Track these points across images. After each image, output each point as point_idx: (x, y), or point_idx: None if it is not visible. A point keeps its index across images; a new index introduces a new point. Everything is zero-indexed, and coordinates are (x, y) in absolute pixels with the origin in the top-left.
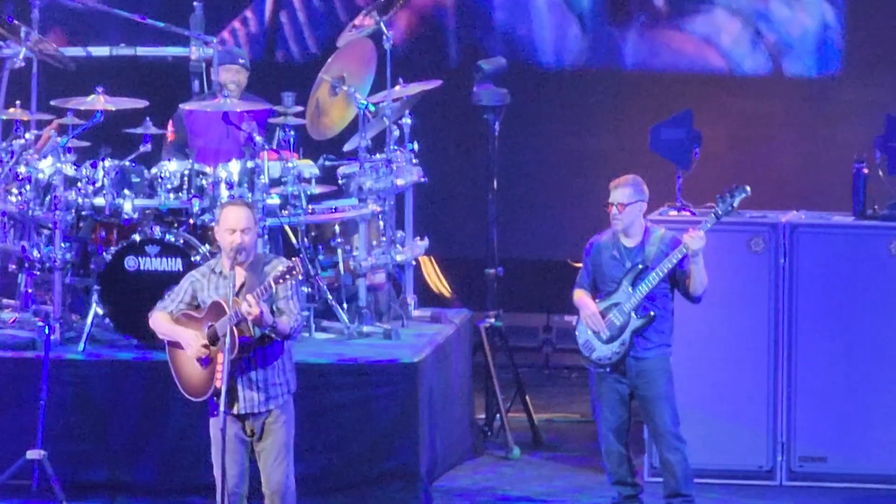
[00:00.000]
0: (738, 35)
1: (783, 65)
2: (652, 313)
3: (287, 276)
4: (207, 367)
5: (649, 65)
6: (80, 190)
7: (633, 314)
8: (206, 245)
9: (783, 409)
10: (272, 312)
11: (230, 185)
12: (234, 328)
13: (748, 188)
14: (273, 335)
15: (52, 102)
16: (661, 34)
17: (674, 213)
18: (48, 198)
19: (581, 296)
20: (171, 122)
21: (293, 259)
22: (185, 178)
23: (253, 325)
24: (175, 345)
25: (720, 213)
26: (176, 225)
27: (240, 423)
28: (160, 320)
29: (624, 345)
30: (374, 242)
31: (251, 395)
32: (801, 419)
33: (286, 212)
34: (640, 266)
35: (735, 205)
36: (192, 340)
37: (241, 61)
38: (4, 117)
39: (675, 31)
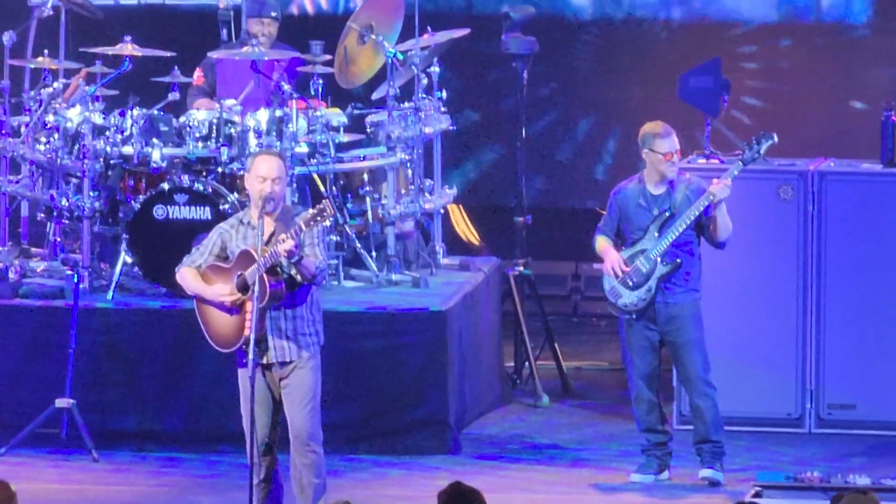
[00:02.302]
0: None
1: (813, 12)
2: (678, 260)
3: (318, 218)
4: (237, 315)
5: (678, 13)
6: (108, 139)
7: (659, 261)
8: (235, 193)
9: (812, 357)
10: None
11: (258, 134)
12: (264, 276)
13: (775, 135)
14: (299, 274)
15: (81, 51)
16: None
17: (703, 160)
18: (77, 146)
19: (603, 245)
20: (199, 67)
21: (323, 201)
22: (214, 127)
23: (286, 261)
24: (201, 298)
25: (747, 160)
26: (204, 173)
27: (269, 373)
28: (187, 277)
29: (650, 291)
30: (403, 191)
31: (281, 345)
32: (830, 366)
33: (314, 160)
34: (667, 213)
35: (761, 152)
36: (219, 297)
37: (273, 14)
38: (33, 66)
39: None
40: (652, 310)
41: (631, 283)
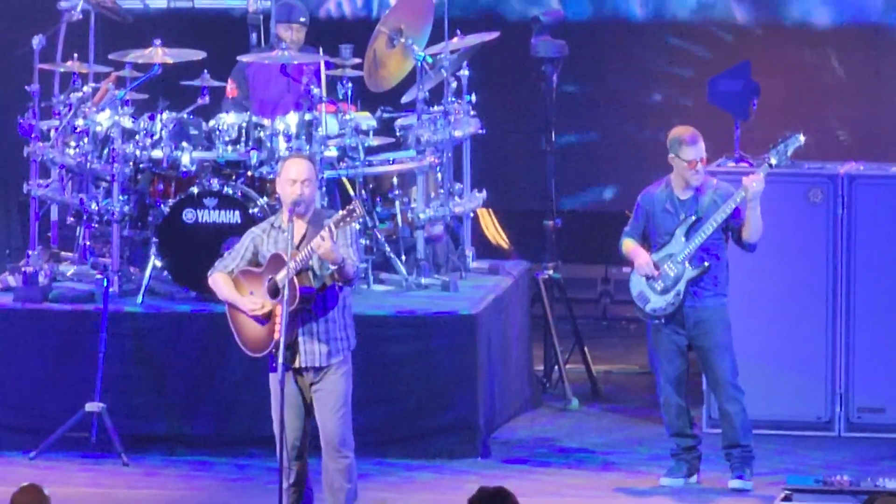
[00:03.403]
0: None
1: (842, 15)
2: (706, 263)
3: (348, 218)
4: (267, 322)
5: (708, 16)
6: (137, 142)
7: (687, 264)
8: (264, 197)
9: (841, 360)
10: None
11: (288, 138)
12: (294, 279)
13: (802, 137)
14: (337, 276)
15: (110, 55)
16: None
17: (732, 164)
18: (106, 150)
19: (631, 246)
20: (230, 78)
21: (353, 202)
22: (243, 131)
23: (319, 264)
24: (234, 306)
25: (774, 161)
26: (234, 177)
27: (300, 377)
28: (219, 283)
29: (679, 295)
30: (432, 194)
31: (312, 349)
32: (860, 370)
33: (344, 164)
34: (694, 217)
35: (789, 153)
36: (251, 307)
37: (301, 20)
38: (62, 70)
39: None
40: (680, 314)
41: (659, 288)
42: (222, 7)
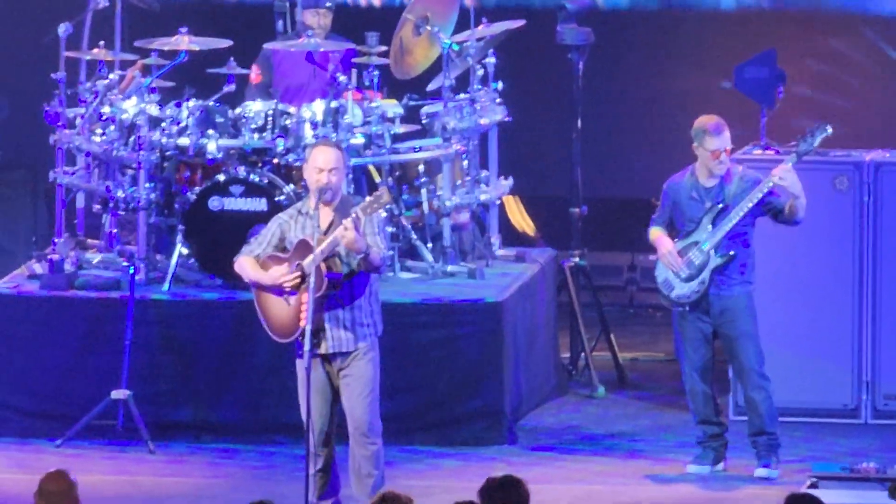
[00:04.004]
0: None
1: (867, 2)
2: (732, 252)
3: (375, 205)
4: (295, 305)
5: (733, 3)
6: (164, 130)
7: (712, 252)
8: (291, 185)
9: (868, 348)
10: None
11: (314, 125)
12: (321, 264)
13: (829, 127)
14: (363, 265)
15: (136, 43)
16: None
17: (758, 151)
18: (132, 138)
19: (657, 234)
20: (255, 64)
21: (380, 188)
22: (269, 118)
23: (346, 251)
24: (261, 287)
25: (802, 151)
26: (260, 165)
27: (327, 363)
28: (245, 265)
29: (703, 283)
30: (459, 182)
31: (339, 335)
32: (886, 357)
33: (370, 151)
34: (720, 205)
35: (816, 143)
36: (277, 277)
37: (327, 4)
38: (88, 58)
39: None
40: (705, 302)
41: (684, 275)
42: None
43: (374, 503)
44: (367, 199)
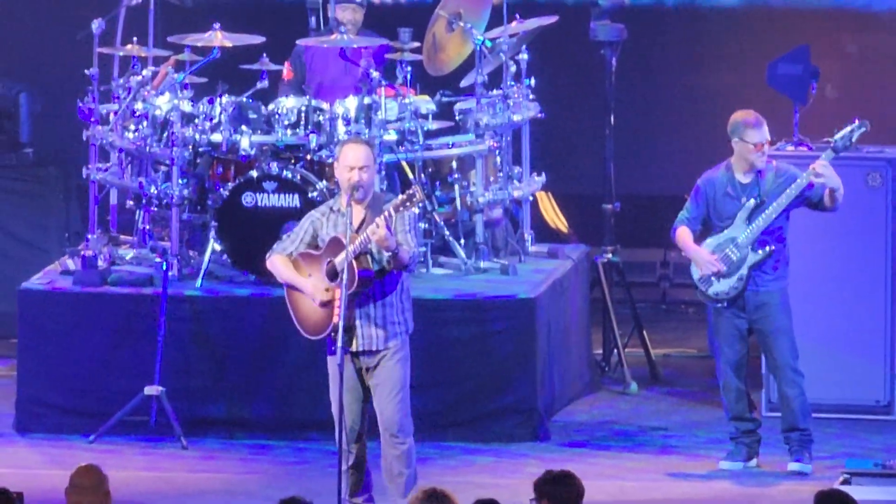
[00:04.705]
0: None
1: None
2: (770, 247)
3: (408, 203)
4: (326, 305)
5: (766, 0)
6: (197, 126)
7: (750, 249)
8: (324, 181)
9: None
10: None
11: (347, 122)
12: (353, 262)
13: (867, 123)
14: (393, 263)
15: (170, 39)
16: None
17: (791, 148)
18: (165, 134)
19: (686, 240)
20: (287, 62)
21: (413, 186)
22: (302, 114)
23: (377, 248)
24: (294, 287)
25: (839, 147)
26: (293, 161)
27: (357, 360)
28: (279, 265)
29: (742, 280)
30: (491, 178)
31: (370, 332)
32: None
33: (403, 148)
34: (757, 200)
35: (853, 140)
36: (312, 290)
37: (359, 0)
38: (122, 54)
39: None
40: (741, 298)
41: (722, 272)
42: None
43: (420, 499)
44: (400, 196)
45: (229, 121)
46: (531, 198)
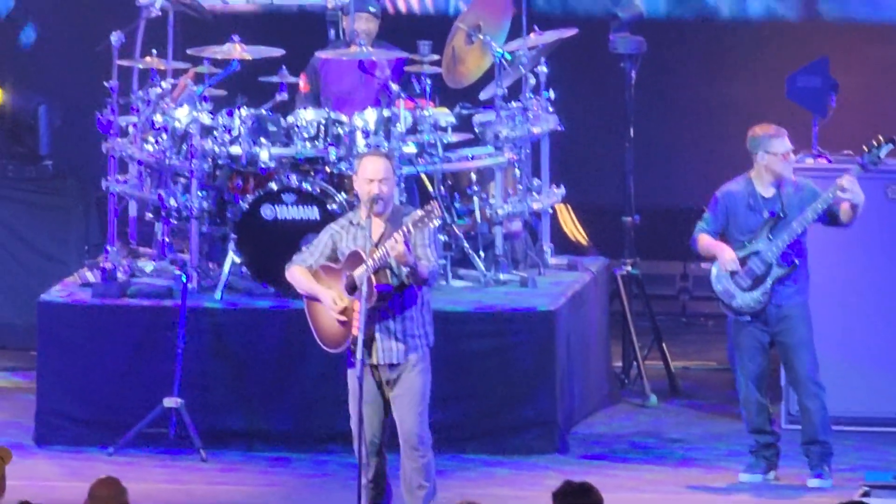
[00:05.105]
0: None
1: None
2: (796, 261)
3: (426, 219)
4: (345, 318)
5: (786, 13)
6: (216, 138)
7: (775, 263)
8: (343, 193)
9: None
10: None
11: (366, 134)
12: (372, 276)
13: (895, 138)
14: (412, 278)
15: (189, 51)
16: None
17: (810, 160)
18: (185, 146)
19: (710, 240)
20: (303, 73)
21: (431, 202)
22: (322, 127)
23: (396, 263)
24: (313, 297)
25: (866, 162)
26: (312, 173)
27: (377, 373)
28: (298, 276)
29: (766, 294)
30: (511, 190)
31: (389, 346)
32: None
33: (422, 160)
34: (780, 214)
35: (881, 156)
36: (331, 302)
37: (371, 9)
38: (141, 66)
39: None
40: (764, 311)
41: (745, 285)
42: (301, 3)
43: None
44: (418, 212)
45: (248, 133)
46: (550, 210)
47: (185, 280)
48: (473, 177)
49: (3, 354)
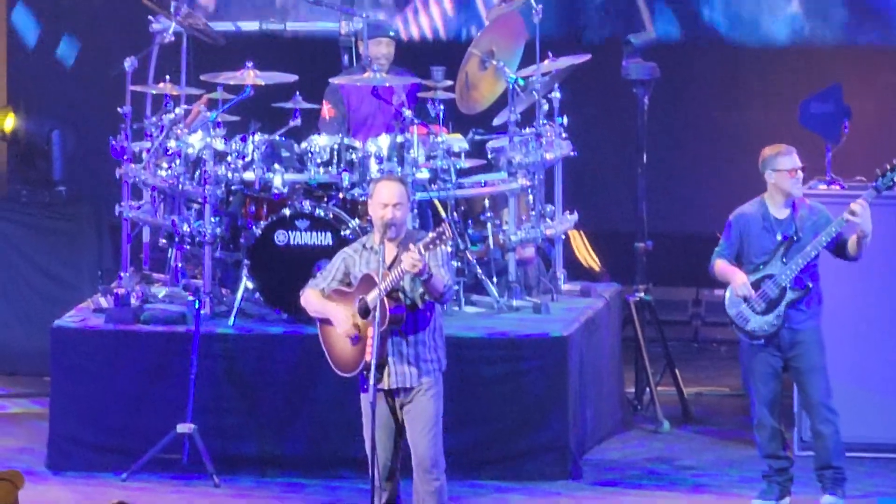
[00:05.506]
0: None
1: None
2: (809, 285)
3: (437, 241)
4: (358, 343)
5: (799, 38)
6: (229, 164)
7: (788, 286)
8: (356, 219)
9: None
10: None
11: (380, 160)
12: (385, 300)
13: None
14: (427, 292)
15: (202, 77)
16: (812, 7)
17: (823, 186)
18: (198, 172)
19: (725, 265)
20: (325, 100)
21: (441, 224)
22: (335, 153)
23: (409, 283)
24: (326, 321)
25: (881, 187)
26: (326, 199)
27: (390, 398)
28: (311, 298)
29: (780, 317)
30: (524, 216)
31: (402, 370)
32: None
33: (435, 186)
34: (793, 237)
35: None
36: (342, 318)
37: (391, 34)
38: (154, 92)
39: (826, 4)
40: (777, 336)
41: (759, 309)
42: (314, 29)
43: None
44: (430, 234)
45: (262, 159)
46: (563, 236)
47: (198, 306)
48: (487, 203)
49: (16, 380)
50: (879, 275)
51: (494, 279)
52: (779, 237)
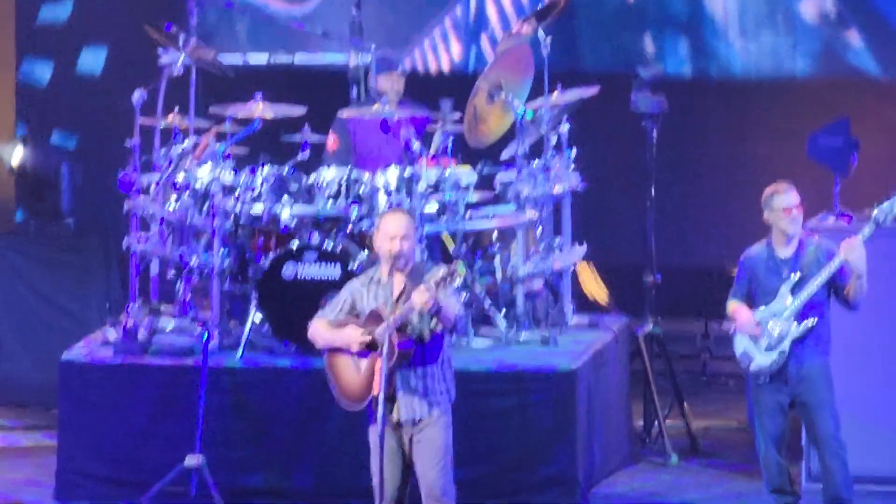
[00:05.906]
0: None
1: None
2: (812, 320)
3: (448, 280)
4: (365, 373)
5: (807, 72)
6: (238, 197)
7: (792, 322)
8: (365, 252)
9: None
10: None
11: (388, 192)
12: (394, 334)
13: None
14: (440, 323)
15: (211, 109)
16: (820, 41)
17: (832, 220)
18: (206, 205)
19: (735, 306)
20: (331, 131)
21: (454, 261)
22: (344, 185)
23: (419, 319)
24: (333, 354)
25: (880, 220)
26: (334, 232)
27: (398, 430)
28: (319, 328)
29: (783, 354)
30: (532, 249)
31: (411, 403)
32: None
33: (444, 218)
34: (799, 274)
35: (895, 212)
36: (351, 336)
37: (400, 68)
38: (163, 124)
39: (834, 39)
40: (784, 372)
41: (763, 346)
42: (323, 62)
43: None
44: (441, 271)
45: (270, 192)
46: (572, 269)
47: (206, 338)
48: (495, 236)
49: (24, 413)
50: (887, 306)
51: (503, 311)
52: (785, 275)
